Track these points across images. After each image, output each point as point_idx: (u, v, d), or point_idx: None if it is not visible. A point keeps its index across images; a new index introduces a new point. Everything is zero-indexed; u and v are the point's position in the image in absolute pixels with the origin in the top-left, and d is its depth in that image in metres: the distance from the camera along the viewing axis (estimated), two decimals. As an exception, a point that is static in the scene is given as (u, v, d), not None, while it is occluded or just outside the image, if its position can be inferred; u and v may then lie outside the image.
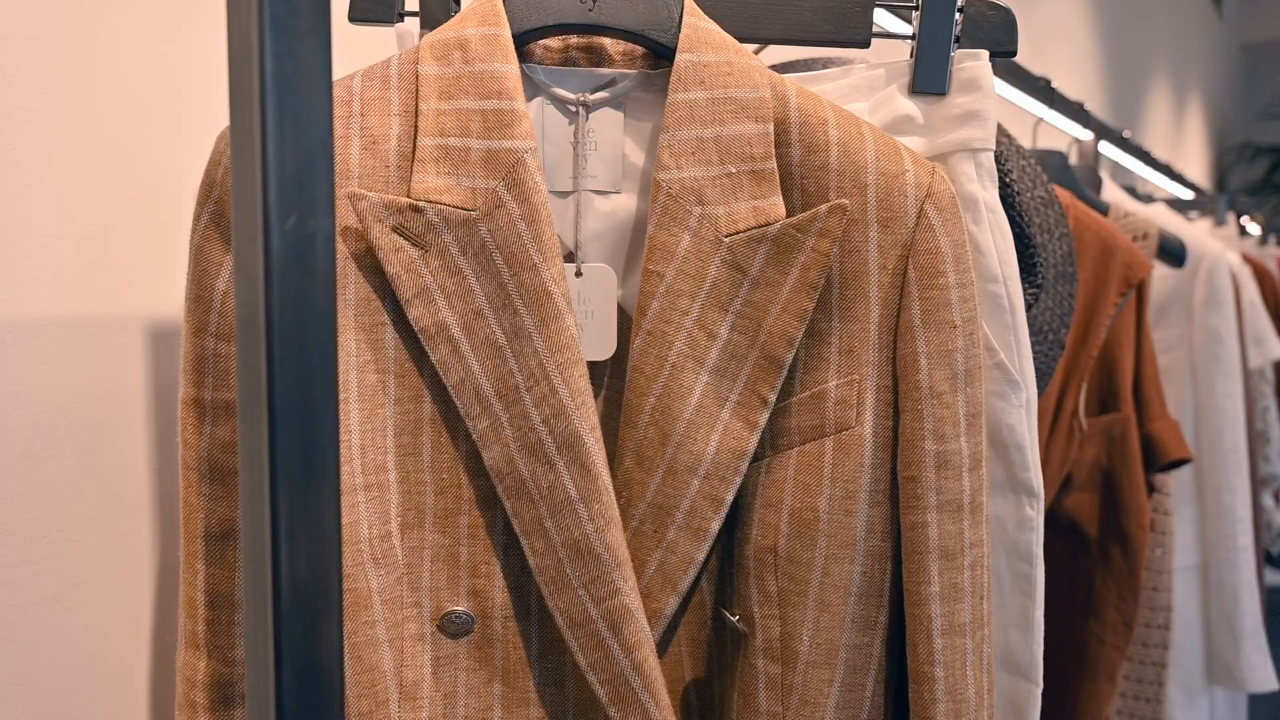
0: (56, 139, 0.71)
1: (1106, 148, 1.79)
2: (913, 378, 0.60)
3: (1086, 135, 1.62)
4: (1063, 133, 1.62)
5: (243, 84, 0.42)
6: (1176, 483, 1.58)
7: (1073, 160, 1.57)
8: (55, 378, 0.72)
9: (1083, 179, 1.52)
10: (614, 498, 0.59)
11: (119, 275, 0.76)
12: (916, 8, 0.68)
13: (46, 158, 0.71)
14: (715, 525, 0.61)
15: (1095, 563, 1.26)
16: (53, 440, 0.72)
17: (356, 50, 0.88)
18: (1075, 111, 1.54)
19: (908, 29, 0.70)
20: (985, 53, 0.68)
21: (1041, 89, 1.39)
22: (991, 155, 0.68)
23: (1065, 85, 1.48)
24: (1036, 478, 0.69)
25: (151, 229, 0.78)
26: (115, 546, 0.76)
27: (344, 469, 0.59)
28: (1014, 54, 0.68)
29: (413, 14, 0.73)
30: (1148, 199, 1.99)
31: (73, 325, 0.73)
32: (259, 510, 0.42)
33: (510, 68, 0.60)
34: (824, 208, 0.59)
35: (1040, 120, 1.50)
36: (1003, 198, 0.76)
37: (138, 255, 0.77)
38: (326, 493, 0.43)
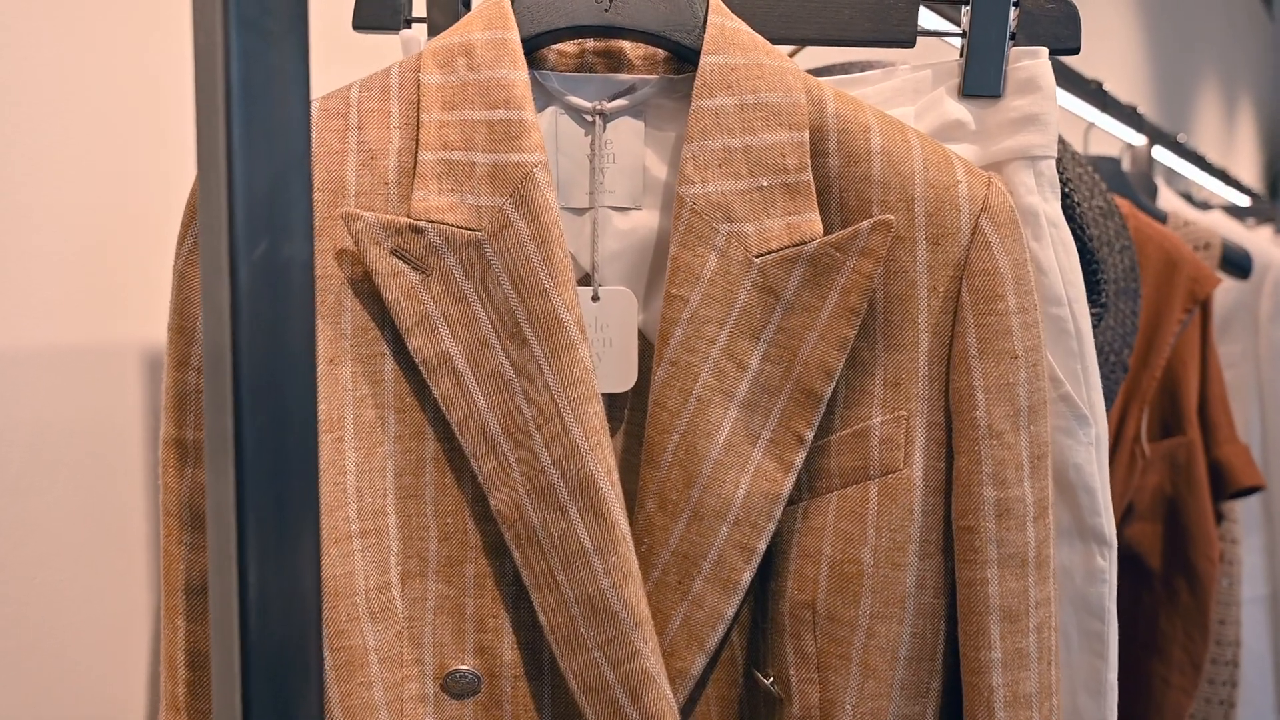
0: (47, 160, 0.68)
1: (1160, 153, 1.70)
2: (968, 414, 0.54)
3: (1139, 140, 1.54)
4: (1113, 138, 1.54)
5: (208, 93, 0.37)
6: (1243, 508, 1.49)
7: (1125, 167, 1.49)
8: (46, 408, 0.68)
9: (1137, 186, 1.44)
10: (632, 548, 0.53)
11: (112, 301, 0.72)
12: (967, 1, 0.61)
13: (37, 178, 0.67)
14: (746, 577, 0.55)
15: (1159, 598, 1.18)
16: (43, 474, 0.68)
17: (360, 59, 0.84)
18: (1128, 115, 1.45)
19: (955, 27, 0.64)
20: (1044, 50, 0.62)
21: (1093, 92, 1.32)
22: (1053, 163, 0.62)
23: (1112, 88, 1.40)
24: (1108, 523, 0.62)
25: (146, 253, 0.74)
26: (109, 587, 0.72)
27: (338, 514, 0.54)
28: (1076, 51, 0.62)
29: (419, 20, 0.69)
30: (1203, 206, 1.90)
31: (64, 353, 0.70)
32: (226, 572, 0.37)
33: (519, 74, 0.55)
34: (866, 224, 0.53)
35: (1091, 125, 1.42)
36: (1062, 209, 0.70)
37: (132, 280, 0.74)
38: (304, 552, 0.39)
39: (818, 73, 0.79)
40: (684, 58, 0.58)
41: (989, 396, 0.54)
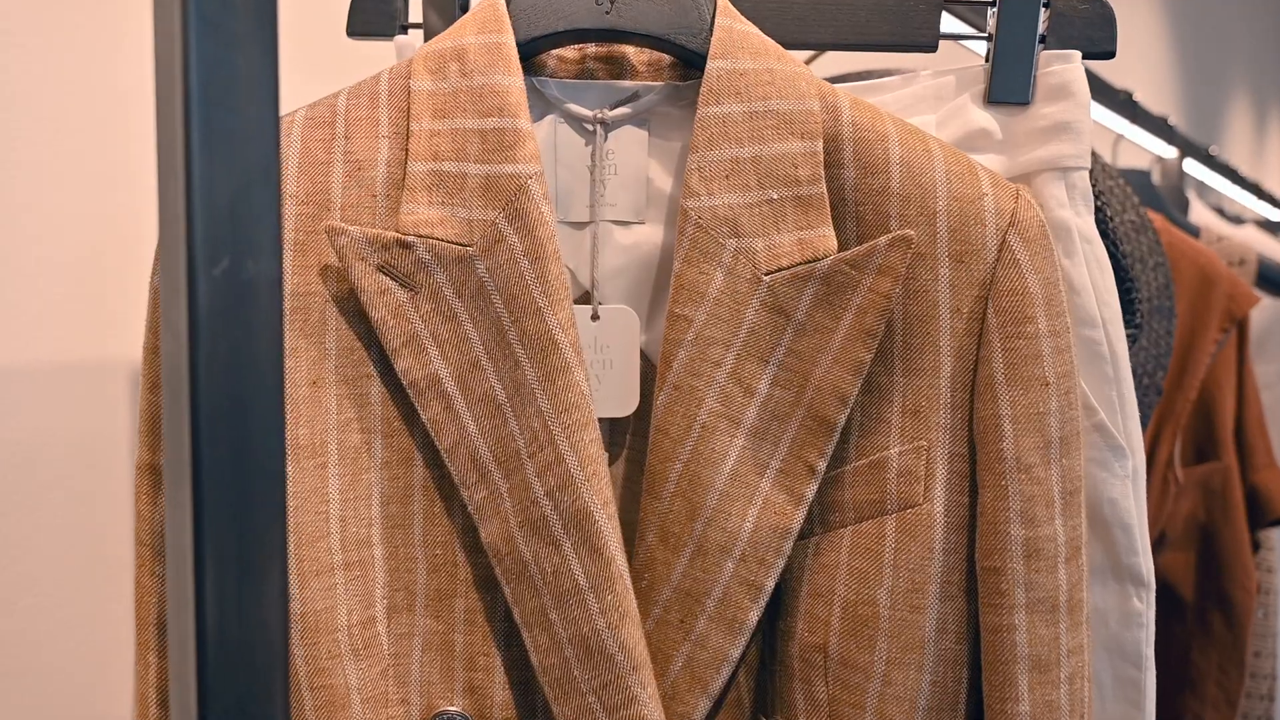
0: (40, 177, 0.66)
1: (1190, 166, 1.65)
2: (994, 446, 0.50)
3: (1170, 153, 1.49)
4: (1142, 150, 1.49)
5: (167, 100, 0.34)
6: (1279, 535, 1.42)
7: (1155, 180, 1.44)
8: (33, 425, 0.66)
9: (1168, 200, 1.39)
10: (630, 586, 0.50)
11: (104, 317, 0.70)
12: (993, 3, 0.58)
13: (29, 193, 0.65)
14: (753, 617, 0.51)
15: (1192, 630, 1.13)
16: (29, 494, 0.66)
17: (357, 69, 0.81)
18: (1159, 127, 1.41)
19: (979, 32, 0.60)
20: (1077, 54, 0.58)
21: (1123, 102, 1.27)
22: (1086, 175, 0.58)
23: (1140, 98, 1.36)
24: (1146, 563, 0.58)
25: (138, 268, 0.72)
26: (97, 614, 0.70)
27: (320, 545, 0.51)
28: (1112, 55, 0.58)
29: (415, 26, 0.66)
30: (1236, 220, 1.84)
31: (54, 369, 0.67)
32: (183, 614, 0.35)
33: (513, 80, 0.52)
34: (884, 240, 0.50)
35: (1120, 137, 1.38)
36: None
37: (124, 297, 0.71)
38: (268, 593, 0.36)
39: (834, 81, 0.75)
40: (690, 63, 0.55)
41: (1017, 427, 0.50)
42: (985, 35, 0.60)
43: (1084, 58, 0.58)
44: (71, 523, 0.69)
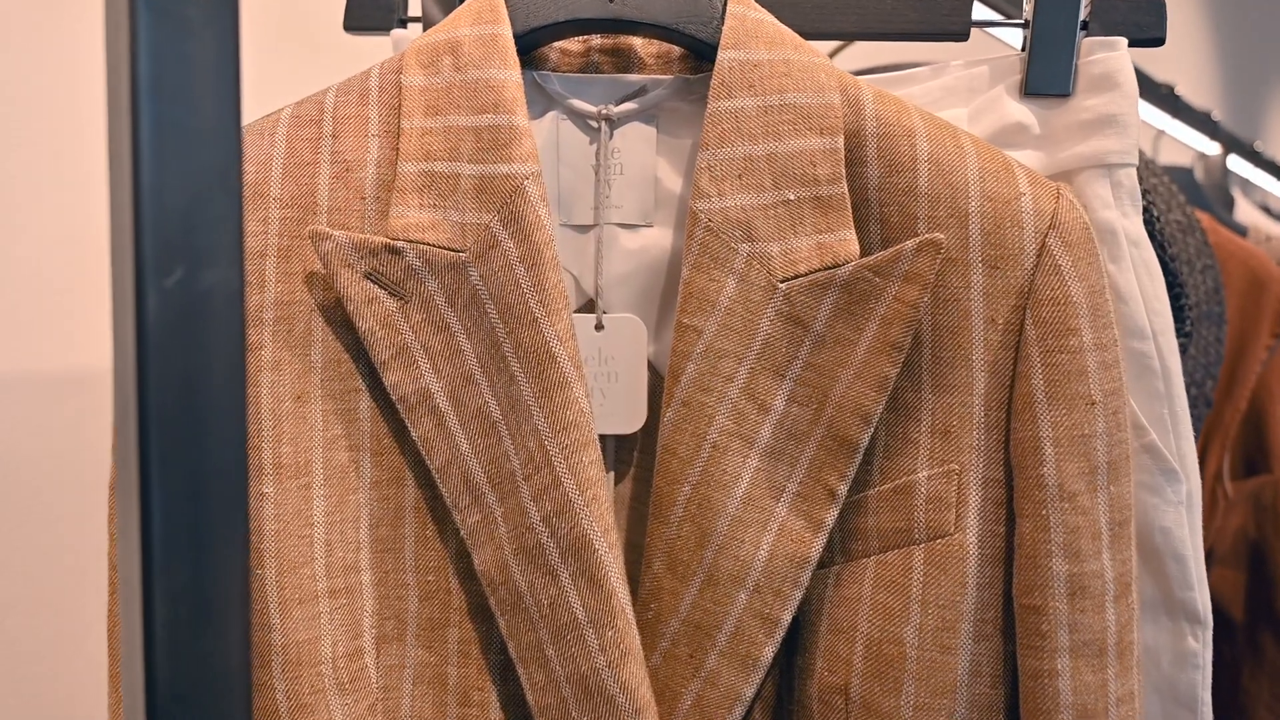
0: (22, 184, 0.63)
1: (1234, 162, 1.58)
2: (1034, 471, 0.46)
3: (1213, 149, 1.42)
4: (1183, 146, 1.42)
5: (116, 95, 0.31)
6: (1333, 551, 1.35)
7: (1198, 177, 1.37)
8: (17, 436, 0.64)
9: (1212, 198, 1.33)
10: (633, 621, 0.46)
11: (89, 326, 0.68)
12: (1031, -14, 0.53)
13: (11, 201, 0.63)
14: (768, 652, 0.48)
15: (1241, 653, 1.07)
16: (12, 507, 0.64)
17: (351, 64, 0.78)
18: (1202, 122, 1.34)
19: (1014, 20, 0.56)
20: (1122, 41, 0.53)
21: (1164, 96, 1.21)
22: (1133, 172, 0.53)
23: (1183, 92, 1.30)
24: (1202, 598, 0.53)
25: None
26: (83, 634, 0.67)
27: (304, 571, 0.48)
28: (1161, 41, 0.53)
29: (415, 19, 0.63)
30: (1281, 219, 1.77)
31: (38, 380, 0.65)
32: (133, 663, 0.32)
33: (509, 74, 0.48)
34: (911, 244, 0.46)
35: (1161, 133, 1.32)
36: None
37: (108, 305, 0.69)
38: (230, 639, 0.33)
39: (859, 75, 0.71)
40: (701, 54, 0.51)
41: (1059, 450, 0.45)
42: (1021, 22, 0.55)
43: (1130, 45, 0.53)
44: (59, 537, 0.66)
